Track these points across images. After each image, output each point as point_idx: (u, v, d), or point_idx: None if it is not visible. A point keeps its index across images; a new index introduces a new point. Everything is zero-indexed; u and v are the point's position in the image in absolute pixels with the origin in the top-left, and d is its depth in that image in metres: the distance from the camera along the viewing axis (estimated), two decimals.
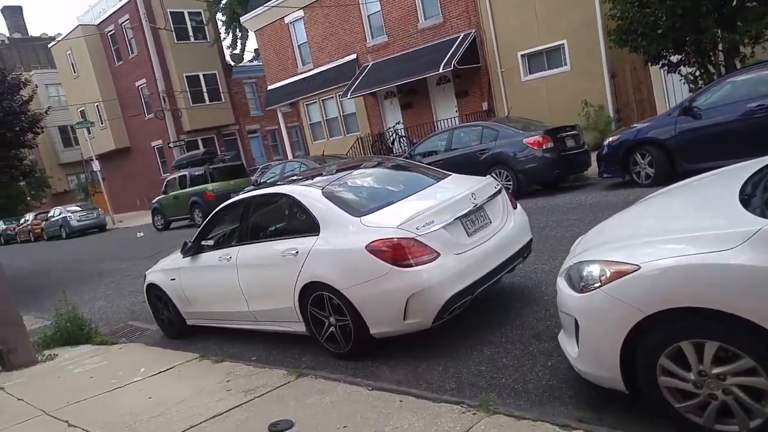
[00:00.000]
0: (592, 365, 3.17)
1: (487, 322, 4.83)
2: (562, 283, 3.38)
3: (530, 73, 17.67)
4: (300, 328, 5.07)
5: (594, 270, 3.11)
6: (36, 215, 31.85)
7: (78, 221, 26.74)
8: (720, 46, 10.71)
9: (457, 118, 19.32)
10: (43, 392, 5.15)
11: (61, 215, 27.36)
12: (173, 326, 6.66)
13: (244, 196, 5.80)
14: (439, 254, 4.32)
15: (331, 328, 4.77)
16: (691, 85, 11.07)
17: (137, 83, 34.03)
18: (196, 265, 6.03)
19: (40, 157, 44.48)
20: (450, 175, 5.60)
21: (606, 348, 3.02)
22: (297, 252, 4.81)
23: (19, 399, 5.07)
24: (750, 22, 9.71)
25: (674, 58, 11.25)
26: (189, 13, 32.94)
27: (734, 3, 9.81)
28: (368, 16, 21.41)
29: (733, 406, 2.69)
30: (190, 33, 33.53)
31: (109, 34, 34.94)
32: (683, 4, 9.70)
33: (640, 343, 2.89)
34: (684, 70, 11.21)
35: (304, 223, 4.92)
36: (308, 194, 5.01)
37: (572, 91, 16.25)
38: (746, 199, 2.97)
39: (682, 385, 2.81)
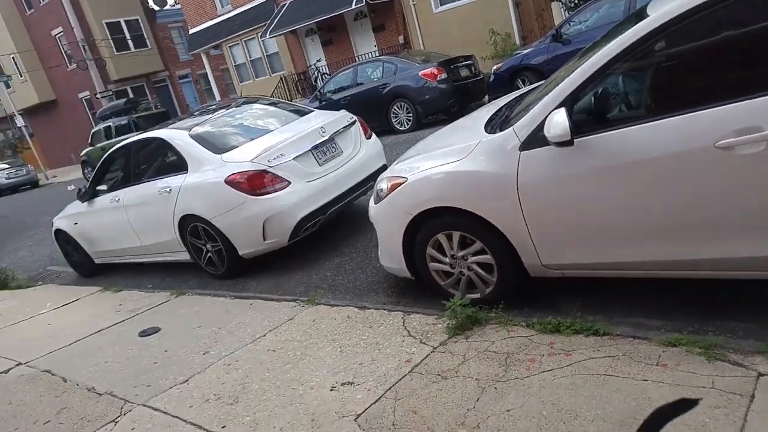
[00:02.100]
0: (388, 260, 3.98)
1: (342, 237, 5.61)
2: (371, 200, 4.14)
3: (441, 5, 18.03)
4: (185, 256, 5.76)
5: (383, 185, 3.88)
6: None
7: (6, 179, 26.21)
8: None
9: (376, 52, 19.62)
10: None
11: None
12: (84, 266, 7.23)
13: (125, 142, 6.31)
14: (289, 182, 5.03)
15: (209, 254, 5.48)
16: (570, 12, 11.80)
17: (53, 32, 32.56)
18: (93, 209, 6.57)
19: None
20: (312, 111, 6.25)
21: (393, 245, 3.82)
22: (170, 189, 5.43)
23: None
24: None
25: None
26: None
27: None
28: None
29: (475, 279, 3.55)
30: None
31: None
32: None
33: (414, 239, 3.69)
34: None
35: (175, 163, 5.52)
36: (177, 136, 5.58)
37: (481, 21, 16.74)
38: (490, 120, 3.74)
39: (443, 267, 3.64)
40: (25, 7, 33.48)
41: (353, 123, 5.88)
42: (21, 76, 34.31)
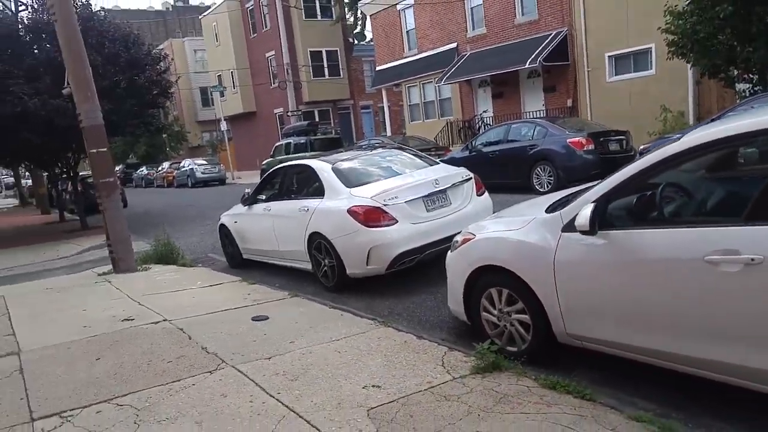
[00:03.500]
0: (452, 303, 4.67)
1: (432, 277, 6.33)
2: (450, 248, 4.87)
3: (615, 75, 18.05)
4: (308, 266, 6.89)
5: (458, 237, 4.61)
6: (170, 165, 36.46)
7: (202, 173, 30.58)
8: None
9: (543, 111, 20.08)
10: (132, 287, 7.40)
11: (189, 167, 31.41)
12: (234, 258, 8.75)
13: (283, 165, 7.69)
14: (397, 221, 5.94)
15: (325, 268, 6.55)
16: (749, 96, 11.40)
17: (267, 54, 37.39)
18: (250, 213, 8.04)
19: (182, 114, 50.06)
20: (437, 163, 7.12)
21: (456, 291, 4.52)
22: (308, 209, 6.62)
23: (117, 288, 7.38)
24: None
25: (732, 73, 11.60)
26: None
27: None
28: (471, 8, 22.54)
29: (515, 334, 4.12)
30: (318, 11, 36.19)
31: (248, 9, 38.55)
32: (732, 23, 10.17)
33: (472, 288, 4.36)
34: (739, 86, 11.54)
35: (316, 188, 6.71)
36: (322, 167, 6.77)
37: (655, 96, 16.51)
38: (555, 202, 4.30)
39: (492, 318, 4.26)
40: (251, 32, 38.90)
41: (468, 180, 6.64)
42: (234, 88, 39.79)
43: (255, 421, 3.29)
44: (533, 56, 18.71)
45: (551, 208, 4.04)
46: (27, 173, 32.09)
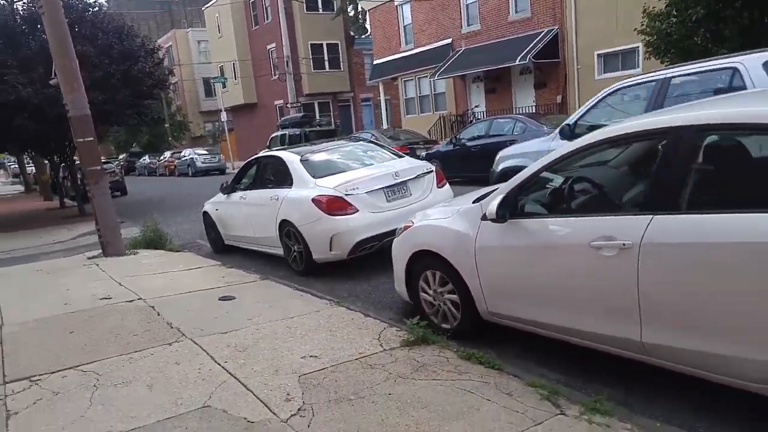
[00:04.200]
0: (397, 285, 5.06)
1: (391, 264, 6.70)
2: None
3: (604, 72, 18.34)
4: (280, 251, 7.30)
5: (401, 225, 5.01)
6: (172, 154, 36.92)
7: (202, 163, 31.05)
8: None
9: (533, 107, 20.39)
10: (117, 269, 7.82)
11: (190, 156, 31.87)
12: (217, 244, 9.17)
13: (258, 156, 8.09)
14: (357, 210, 6.33)
15: (294, 253, 6.95)
16: None
17: (268, 47, 37.69)
18: (229, 201, 8.44)
19: (185, 104, 50.49)
20: (403, 157, 7.51)
21: (399, 273, 4.91)
22: (278, 198, 7.01)
23: (102, 270, 7.80)
24: None
25: None
26: None
27: (756, 25, 10.37)
28: (466, 5, 22.85)
29: (447, 313, 4.51)
30: (319, 4, 36.43)
31: (250, 1, 38.85)
32: (705, 26, 10.47)
33: (411, 271, 4.75)
34: None
35: (286, 179, 7.10)
36: (291, 159, 7.17)
37: None
38: (481, 196, 4.65)
39: (428, 298, 4.65)
40: (253, 24, 39.20)
41: (429, 172, 7.02)
42: (235, 80, 40.14)
43: (199, 384, 3.70)
44: (524, 53, 19.01)
45: (478, 199, 4.43)
46: (31, 161, 32.60)
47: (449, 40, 23.84)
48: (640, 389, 3.36)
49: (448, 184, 7.22)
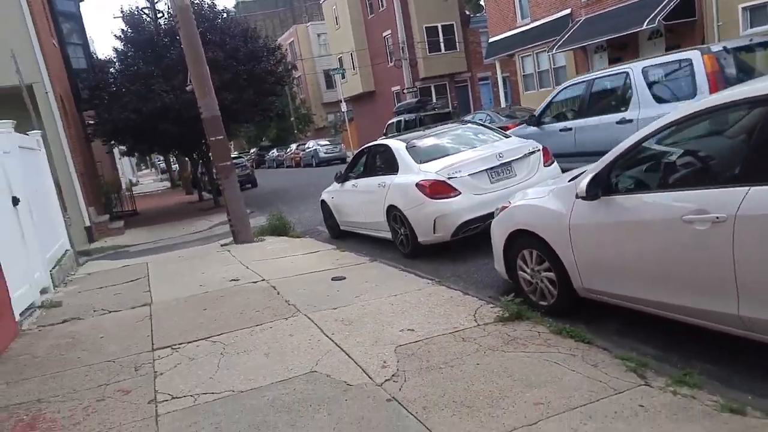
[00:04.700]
0: (496, 264, 5.18)
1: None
2: None
3: (751, 27, 16.63)
4: (388, 235, 7.65)
5: (499, 205, 5.10)
6: (297, 146, 38.96)
7: (325, 153, 32.49)
8: None
9: None
10: (245, 255, 8.61)
11: (313, 147, 33.46)
12: (333, 229, 9.74)
13: (368, 145, 8.47)
14: (460, 193, 6.49)
15: (401, 237, 7.26)
16: None
17: (384, 34, 38.38)
18: (342, 189, 8.94)
19: (308, 97, 52.92)
20: (509, 137, 7.51)
21: (498, 253, 5.03)
22: (385, 184, 7.35)
23: (233, 256, 8.64)
24: None
25: None
26: None
27: None
28: None
29: (545, 291, 4.57)
30: None
31: None
32: None
33: (509, 250, 4.85)
34: None
35: (392, 165, 7.40)
36: (397, 146, 7.45)
37: None
38: (576, 175, 4.62)
39: (526, 276, 4.73)
40: (369, 12, 40.09)
41: (535, 152, 6.97)
42: (354, 70, 41.36)
43: (308, 353, 4.11)
44: (653, 15, 17.72)
45: (573, 178, 4.42)
46: (175, 160, 36.04)
47: (568, 11, 22.81)
48: (744, 366, 3.24)
49: (555, 162, 7.13)
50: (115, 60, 17.29)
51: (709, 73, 7.10)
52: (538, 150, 7.03)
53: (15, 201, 6.51)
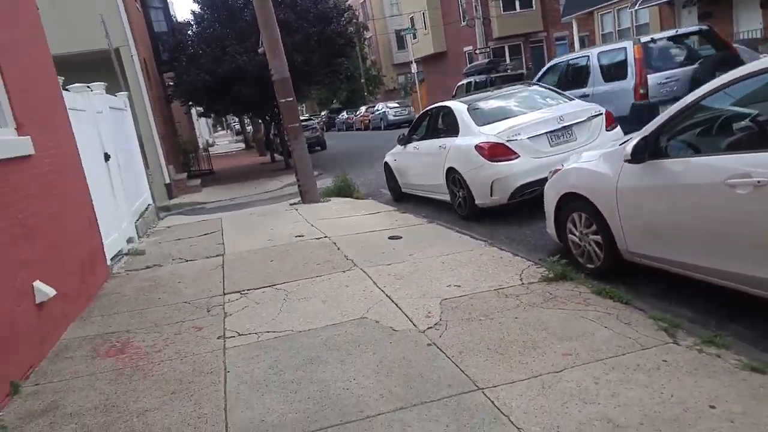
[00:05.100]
0: (548, 227, 5.31)
1: None
2: None
3: None
4: (446, 198, 7.85)
5: (551, 170, 5.19)
6: (367, 108, 39.20)
7: (393, 116, 32.60)
8: None
9: (760, 31, 17.86)
10: (311, 214, 9.06)
11: (382, 110, 33.61)
12: (395, 191, 10.02)
13: (430, 107, 8.59)
14: (519, 156, 6.58)
15: (459, 199, 7.44)
16: None
17: None
18: (404, 152, 9.17)
19: (379, 58, 52.78)
20: (573, 100, 7.46)
21: (550, 215, 5.16)
22: (446, 146, 7.52)
23: (300, 214, 9.11)
24: None
25: None
26: None
27: None
28: None
29: (591, 253, 4.68)
30: None
31: None
32: None
33: (560, 213, 4.97)
34: None
35: (453, 128, 7.54)
36: (459, 108, 7.57)
37: None
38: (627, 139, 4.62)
39: (575, 239, 4.85)
40: None
41: (598, 115, 6.92)
42: (425, 29, 40.81)
43: (360, 302, 4.46)
44: None
45: (624, 142, 4.45)
46: (249, 121, 37.21)
47: None
48: None
49: (618, 126, 7.04)
50: (192, 23, 18.01)
51: (637, 59, 8.59)
52: (601, 114, 6.96)
53: (106, 157, 7.16)
